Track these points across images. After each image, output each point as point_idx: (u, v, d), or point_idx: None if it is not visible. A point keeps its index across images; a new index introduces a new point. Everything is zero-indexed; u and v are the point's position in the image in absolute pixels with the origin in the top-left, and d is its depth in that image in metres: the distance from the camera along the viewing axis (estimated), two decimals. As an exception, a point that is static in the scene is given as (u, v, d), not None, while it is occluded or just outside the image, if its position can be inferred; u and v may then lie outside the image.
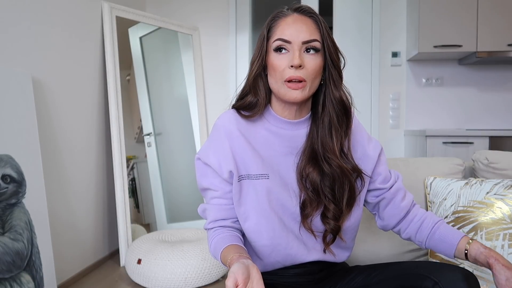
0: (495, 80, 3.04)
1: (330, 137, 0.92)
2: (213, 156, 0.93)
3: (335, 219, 0.92)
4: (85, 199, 2.30)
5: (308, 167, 0.92)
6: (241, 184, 0.92)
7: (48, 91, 1.99)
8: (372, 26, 3.12)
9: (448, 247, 0.93)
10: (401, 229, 1.02)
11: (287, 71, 0.87)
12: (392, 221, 1.01)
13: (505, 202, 1.16)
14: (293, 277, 0.98)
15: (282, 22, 0.90)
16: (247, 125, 0.95)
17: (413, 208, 1.02)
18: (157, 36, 2.94)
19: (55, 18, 2.04)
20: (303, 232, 0.94)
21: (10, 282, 1.55)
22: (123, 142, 2.51)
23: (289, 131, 0.96)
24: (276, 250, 0.93)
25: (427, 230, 0.97)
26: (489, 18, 2.70)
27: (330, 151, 0.91)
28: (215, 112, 3.19)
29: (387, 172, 1.01)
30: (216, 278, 2.12)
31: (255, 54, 0.93)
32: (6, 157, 1.60)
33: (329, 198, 0.92)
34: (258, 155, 0.93)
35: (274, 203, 0.92)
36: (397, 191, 1.00)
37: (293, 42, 0.87)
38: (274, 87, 0.92)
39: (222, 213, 0.94)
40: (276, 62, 0.88)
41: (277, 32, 0.89)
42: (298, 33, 0.87)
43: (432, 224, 0.97)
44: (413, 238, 1.00)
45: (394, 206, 1.00)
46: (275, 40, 0.89)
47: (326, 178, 0.92)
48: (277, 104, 0.95)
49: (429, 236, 0.97)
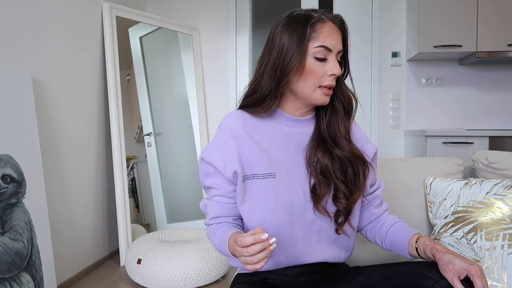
0: (495, 80, 3.04)
1: (337, 124, 0.98)
2: (218, 156, 0.93)
3: (346, 199, 0.95)
4: (85, 198, 2.30)
5: (318, 152, 0.95)
6: (245, 184, 0.93)
7: (48, 91, 1.99)
8: (372, 26, 3.12)
9: (401, 245, 0.95)
10: (367, 231, 1.07)
11: (325, 79, 0.91)
12: (361, 224, 1.07)
13: (505, 202, 1.16)
14: (294, 276, 0.98)
15: (324, 29, 0.90)
16: (254, 124, 0.96)
17: (382, 214, 1.06)
18: (157, 36, 2.94)
19: (55, 18, 2.04)
20: (311, 230, 0.95)
21: (10, 282, 1.55)
22: (123, 142, 2.51)
23: (297, 128, 0.98)
24: (281, 250, 0.94)
25: (385, 229, 1.01)
26: (489, 18, 2.70)
27: (340, 136, 0.97)
28: (215, 112, 3.19)
29: (375, 176, 1.06)
30: (216, 278, 2.12)
31: (289, 49, 0.89)
32: (6, 157, 1.60)
33: (340, 180, 0.95)
34: (265, 154, 0.94)
35: (281, 202, 0.92)
36: (375, 198, 1.05)
37: (333, 51, 0.91)
38: (303, 91, 0.92)
39: (223, 211, 0.96)
40: (316, 69, 0.90)
41: (321, 38, 0.89)
42: (336, 42, 0.91)
43: (390, 224, 1.01)
44: (376, 239, 1.04)
45: (367, 210, 1.05)
46: (319, 46, 0.89)
47: (337, 161, 0.95)
48: (293, 104, 0.97)
49: (386, 235, 1.00)
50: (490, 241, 1.12)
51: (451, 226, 1.19)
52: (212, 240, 0.96)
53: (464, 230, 1.17)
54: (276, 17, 0.96)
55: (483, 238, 1.14)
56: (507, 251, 1.10)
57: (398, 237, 0.97)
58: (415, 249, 0.92)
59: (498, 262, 1.09)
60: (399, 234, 0.97)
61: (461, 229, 1.17)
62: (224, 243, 0.88)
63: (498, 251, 1.11)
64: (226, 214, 0.96)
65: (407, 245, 0.94)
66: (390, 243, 0.99)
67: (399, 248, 0.96)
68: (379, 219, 1.05)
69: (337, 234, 0.98)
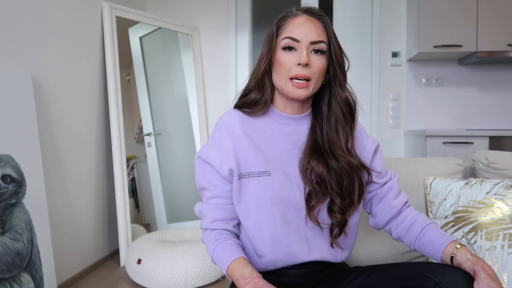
0: (495, 80, 3.04)
1: (337, 135, 0.95)
2: (214, 153, 0.94)
3: (341, 213, 0.93)
4: (85, 198, 2.30)
5: (313, 161, 0.93)
6: (241, 182, 0.93)
7: (48, 91, 1.99)
8: (372, 26, 3.12)
9: (435, 250, 0.92)
10: (391, 228, 1.02)
11: (293, 69, 0.90)
12: (383, 219, 1.02)
13: (505, 202, 1.16)
14: (294, 277, 0.98)
15: (292, 22, 0.92)
16: (250, 123, 0.97)
17: (406, 209, 1.02)
18: (157, 36, 2.94)
19: (55, 18, 2.04)
20: (309, 227, 0.95)
21: (10, 282, 1.55)
22: (123, 142, 2.51)
23: (292, 126, 0.98)
24: (277, 247, 0.94)
25: (416, 231, 0.97)
26: (489, 18, 2.70)
27: (338, 148, 0.94)
28: (215, 112, 3.19)
29: (383, 168, 1.03)
30: (216, 278, 2.12)
31: (263, 51, 0.96)
32: (6, 157, 1.60)
33: (336, 192, 0.93)
34: (261, 153, 0.94)
35: (277, 199, 0.92)
36: (391, 189, 1.01)
37: (301, 41, 0.90)
38: (278, 84, 0.94)
39: (221, 213, 0.95)
40: (284, 59, 0.91)
41: (287, 31, 0.92)
42: (307, 33, 0.90)
43: (422, 226, 0.97)
44: (403, 238, 1.00)
45: (386, 203, 1.00)
46: (284, 38, 0.91)
47: (333, 173, 0.93)
48: (280, 101, 0.98)
49: (418, 237, 0.96)
50: (490, 241, 1.12)
51: (451, 226, 1.19)
52: (210, 249, 0.94)
53: (464, 230, 1.17)
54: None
55: (483, 238, 1.14)
56: (507, 251, 1.10)
57: (432, 242, 0.92)
58: (449, 258, 0.88)
59: (498, 262, 1.09)
60: (434, 240, 0.92)
61: (461, 229, 1.17)
62: (224, 262, 0.88)
63: (498, 251, 1.11)
64: (225, 217, 0.95)
65: (442, 253, 0.90)
66: (423, 246, 0.95)
67: (432, 254, 0.93)
68: (403, 214, 1.00)
69: (331, 247, 0.96)
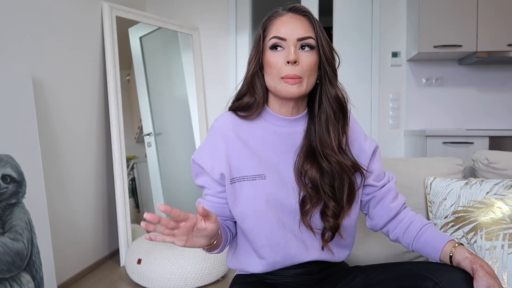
0: (495, 80, 3.04)
1: (327, 134, 0.93)
2: (206, 157, 0.95)
3: (334, 217, 0.92)
4: (85, 198, 2.30)
5: (306, 164, 0.92)
6: (234, 187, 0.93)
7: (48, 91, 1.99)
8: (372, 26, 3.12)
9: (433, 250, 0.92)
10: (389, 230, 1.02)
11: (284, 68, 0.89)
12: (381, 222, 1.01)
13: (505, 202, 1.16)
14: (293, 277, 0.98)
15: (277, 21, 0.92)
16: (244, 126, 0.96)
17: (403, 210, 1.02)
18: (157, 36, 2.94)
19: (55, 18, 2.04)
20: (303, 230, 0.94)
21: (10, 282, 1.55)
22: (123, 142, 2.51)
23: (287, 128, 0.97)
24: (275, 250, 0.94)
25: (414, 231, 0.96)
26: (489, 18, 2.70)
27: (328, 148, 0.92)
28: (215, 112, 3.19)
29: (381, 171, 1.02)
30: (216, 278, 2.12)
31: (251, 54, 0.96)
32: (6, 157, 1.60)
33: (329, 196, 0.92)
34: (255, 156, 0.94)
35: (272, 203, 0.92)
36: (388, 191, 1.01)
37: (288, 39, 0.89)
38: (271, 84, 0.93)
39: (215, 210, 0.96)
40: (272, 59, 0.90)
41: (273, 31, 0.91)
42: (293, 30, 0.89)
43: (420, 226, 0.96)
44: (401, 240, 1.00)
45: (384, 206, 1.00)
46: (271, 38, 0.91)
47: (326, 175, 0.92)
48: (275, 102, 0.97)
49: (416, 238, 0.96)
50: (490, 241, 1.12)
51: (451, 226, 1.19)
52: None
53: (464, 230, 1.17)
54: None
55: (483, 238, 1.14)
56: (507, 251, 1.10)
57: (430, 242, 0.92)
58: (448, 257, 0.88)
59: (498, 262, 1.09)
60: (432, 240, 0.92)
61: (461, 229, 1.17)
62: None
63: (498, 251, 1.11)
64: (219, 214, 0.97)
65: (440, 252, 0.90)
66: (421, 246, 0.95)
67: (430, 254, 0.93)
68: (400, 216, 1.00)
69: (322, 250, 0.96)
